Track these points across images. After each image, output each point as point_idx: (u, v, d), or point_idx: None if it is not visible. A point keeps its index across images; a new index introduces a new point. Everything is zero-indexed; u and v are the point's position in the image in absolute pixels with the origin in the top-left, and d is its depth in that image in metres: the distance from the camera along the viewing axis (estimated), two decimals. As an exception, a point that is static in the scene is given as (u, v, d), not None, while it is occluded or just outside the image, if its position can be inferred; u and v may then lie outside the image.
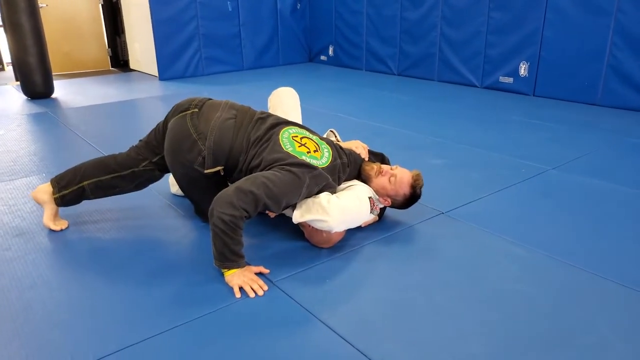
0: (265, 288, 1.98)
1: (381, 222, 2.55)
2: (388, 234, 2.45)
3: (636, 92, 4.79)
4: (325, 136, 2.79)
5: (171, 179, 2.92)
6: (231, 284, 1.99)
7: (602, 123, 4.42)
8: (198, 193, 2.41)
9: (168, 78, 7.01)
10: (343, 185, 2.40)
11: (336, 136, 2.78)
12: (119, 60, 8.35)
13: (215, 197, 1.98)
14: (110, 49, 8.24)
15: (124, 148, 2.96)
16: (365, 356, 1.62)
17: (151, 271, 2.14)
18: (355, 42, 7.53)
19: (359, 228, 2.45)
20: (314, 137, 2.37)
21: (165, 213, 2.72)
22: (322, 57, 8.24)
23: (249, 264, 2.10)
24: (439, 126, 4.38)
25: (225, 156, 2.24)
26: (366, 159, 2.53)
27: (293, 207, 2.22)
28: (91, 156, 3.59)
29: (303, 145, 2.26)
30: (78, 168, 2.51)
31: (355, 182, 2.42)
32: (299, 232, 2.40)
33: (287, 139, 2.26)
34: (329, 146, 2.36)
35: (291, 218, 2.28)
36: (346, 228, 2.27)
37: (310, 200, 2.17)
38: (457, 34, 6.17)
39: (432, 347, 1.67)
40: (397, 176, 2.39)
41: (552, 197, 2.86)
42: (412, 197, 2.44)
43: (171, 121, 2.34)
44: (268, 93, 3.03)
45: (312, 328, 1.77)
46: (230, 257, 1.99)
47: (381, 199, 2.43)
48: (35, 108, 5.28)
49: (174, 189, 2.90)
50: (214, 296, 1.95)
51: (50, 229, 2.50)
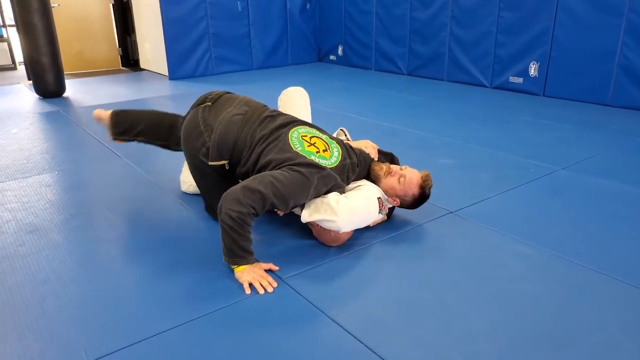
0: (274, 285, 2.00)
1: (390, 221, 2.56)
2: (397, 233, 2.46)
3: (647, 93, 4.77)
4: (335, 135, 2.80)
5: (182, 177, 2.95)
6: (241, 281, 2.01)
7: (613, 123, 4.40)
8: (207, 187, 2.47)
9: (178, 77, 7.05)
10: (352, 185, 2.41)
11: (346, 135, 2.79)
12: (130, 59, 8.40)
13: (223, 194, 2.01)
14: (120, 49, 8.30)
15: (135, 146, 3.00)
16: (374, 353, 1.63)
17: (162, 267, 2.16)
18: (364, 42, 7.54)
19: (368, 227, 2.46)
20: (324, 137, 2.38)
21: (176, 210, 2.74)
22: (332, 57, 8.26)
23: (259, 261, 2.12)
24: (449, 126, 4.38)
25: (229, 150, 2.31)
26: (376, 159, 2.54)
27: (302, 206, 2.23)
28: (102, 155, 3.65)
29: (312, 145, 2.28)
30: (136, 122, 2.74)
31: (364, 182, 2.43)
32: (308, 230, 2.42)
33: (297, 139, 2.28)
34: (339, 146, 2.37)
35: (300, 216, 2.30)
36: (354, 228, 2.28)
37: (318, 200, 2.18)
38: (467, 34, 6.16)
39: (440, 345, 1.68)
40: (407, 177, 2.40)
41: (561, 197, 2.85)
42: (421, 198, 2.44)
43: (189, 113, 2.51)
44: (277, 93, 3.05)
45: (321, 325, 1.79)
46: (239, 253, 2.02)
47: (390, 199, 2.44)
48: (47, 107, 5.34)
49: (185, 187, 2.93)
50: (224, 292, 1.97)
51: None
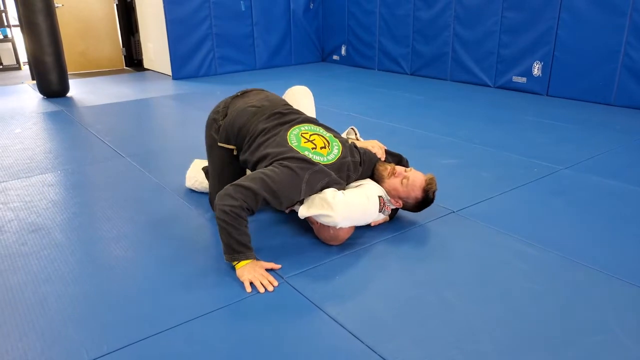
0: (275, 284, 2.00)
1: (392, 221, 2.56)
2: (399, 233, 2.46)
3: (651, 92, 4.75)
4: (345, 134, 2.80)
5: (189, 173, 2.94)
6: (242, 279, 2.01)
7: (616, 123, 4.39)
8: (215, 172, 2.54)
9: (181, 77, 7.05)
10: (354, 183, 2.41)
11: (356, 134, 2.79)
12: (133, 59, 8.42)
13: (217, 194, 2.06)
14: (124, 49, 8.32)
15: (138, 146, 3.00)
16: (374, 352, 1.63)
17: (164, 266, 2.16)
18: (367, 42, 7.53)
19: (369, 226, 2.46)
20: (327, 134, 2.38)
21: (178, 209, 2.74)
22: (335, 57, 8.25)
23: (260, 260, 2.12)
24: (452, 126, 4.37)
25: (234, 136, 2.40)
26: (383, 159, 2.54)
27: (302, 203, 2.23)
28: (105, 155, 3.66)
29: (310, 141, 2.29)
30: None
31: (367, 181, 2.43)
32: (310, 230, 2.42)
33: (295, 135, 2.30)
34: (341, 144, 2.37)
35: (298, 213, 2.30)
36: (352, 225, 2.27)
37: (316, 195, 2.19)
38: (470, 34, 6.15)
39: (442, 344, 1.67)
40: (410, 178, 2.39)
41: (564, 197, 2.84)
42: (424, 201, 2.43)
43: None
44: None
45: (322, 324, 1.79)
46: (237, 249, 2.03)
47: (392, 200, 2.44)
48: (50, 106, 5.35)
49: (190, 182, 2.92)
50: (225, 291, 1.97)
51: None
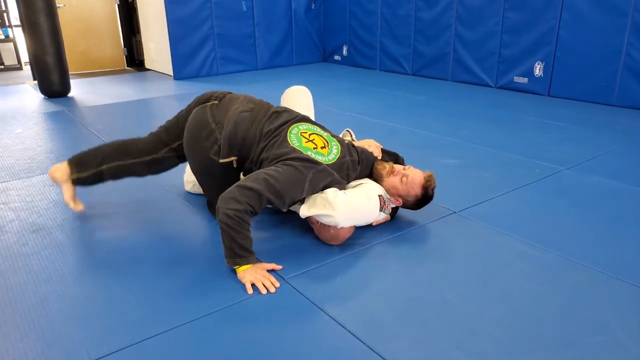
0: (277, 285, 2.00)
1: (393, 221, 2.56)
2: (400, 233, 2.45)
3: (653, 93, 4.75)
4: (341, 136, 2.80)
5: (186, 177, 2.95)
6: (243, 281, 2.00)
7: (618, 123, 4.38)
8: (211, 185, 2.45)
9: (183, 77, 7.06)
10: (353, 183, 2.41)
11: (352, 135, 2.79)
12: (135, 59, 8.42)
13: (220, 196, 2.02)
14: (125, 49, 8.32)
15: (139, 146, 2.98)
16: (375, 353, 1.63)
17: (165, 267, 2.16)
18: (369, 42, 7.53)
19: (370, 227, 2.46)
20: (325, 134, 2.38)
21: (179, 210, 2.74)
22: (336, 57, 8.25)
23: (261, 261, 2.12)
24: (453, 126, 4.37)
25: (239, 146, 2.30)
26: (379, 158, 2.54)
27: (302, 203, 2.23)
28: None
29: (310, 141, 2.28)
30: (97, 150, 2.59)
31: (366, 181, 2.43)
32: (310, 230, 2.42)
33: (295, 135, 2.29)
34: (339, 143, 2.37)
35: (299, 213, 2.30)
36: (353, 224, 2.27)
37: (317, 195, 2.18)
38: (472, 34, 6.14)
39: (443, 345, 1.67)
40: (409, 176, 2.39)
41: (566, 197, 2.84)
42: (424, 198, 2.43)
43: (192, 111, 2.42)
44: (282, 92, 3.05)
45: (323, 324, 1.78)
46: (239, 253, 2.02)
47: (392, 199, 2.44)
48: (52, 107, 5.35)
49: (189, 187, 2.93)
50: (226, 292, 1.97)
51: (71, 208, 2.60)
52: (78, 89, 6.33)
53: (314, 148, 2.25)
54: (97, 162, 2.53)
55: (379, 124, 4.46)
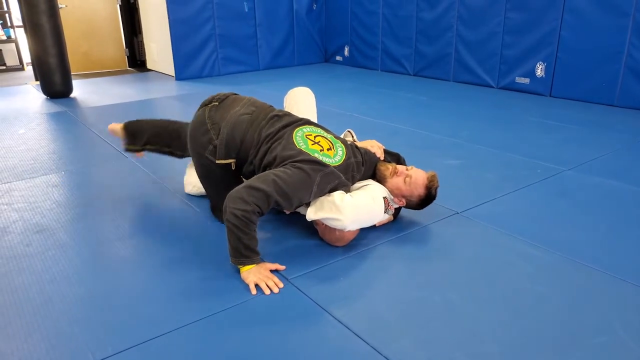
0: (280, 285, 2.00)
1: (396, 222, 2.56)
2: (403, 234, 2.46)
3: (655, 93, 4.75)
4: (342, 136, 2.80)
5: (186, 178, 2.95)
6: (247, 281, 2.01)
7: (619, 124, 4.38)
8: (214, 186, 2.48)
9: (185, 78, 7.06)
10: (358, 184, 2.41)
11: (353, 136, 2.79)
12: (136, 60, 8.43)
13: (228, 195, 2.03)
14: (127, 49, 8.33)
15: (142, 146, 2.98)
16: (379, 353, 1.63)
17: (169, 267, 2.17)
18: (370, 43, 7.53)
19: (374, 227, 2.46)
20: (329, 136, 2.39)
21: (182, 210, 2.75)
22: (338, 58, 8.25)
23: (265, 261, 2.13)
24: (455, 126, 4.37)
25: (236, 148, 2.32)
26: (382, 159, 2.54)
27: (307, 205, 2.23)
28: (108, 154, 3.66)
29: (316, 143, 2.29)
30: (144, 131, 2.87)
31: (370, 182, 2.43)
32: (314, 230, 2.42)
33: (301, 137, 2.29)
34: (343, 145, 2.38)
35: (305, 215, 2.30)
36: (359, 227, 2.28)
37: (324, 198, 2.18)
38: (473, 35, 6.14)
39: (446, 346, 1.67)
40: (412, 177, 2.40)
41: (568, 198, 2.84)
42: (427, 198, 2.43)
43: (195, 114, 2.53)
44: (284, 93, 3.06)
45: (327, 325, 1.79)
46: (244, 253, 2.02)
47: (396, 199, 2.44)
48: (54, 107, 5.36)
49: (188, 189, 2.93)
50: (231, 292, 1.97)
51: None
52: (80, 90, 6.34)
53: (321, 150, 2.26)
54: (144, 141, 2.85)
55: (381, 125, 4.46)
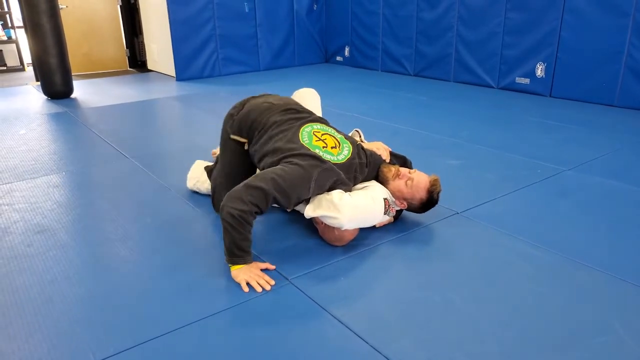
0: (272, 283, 2.02)
1: (396, 222, 2.56)
2: (403, 234, 2.46)
3: (655, 93, 4.75)
4: (349, 135, 2.82)
5: (190, 174, 2.95)
6: (237, 280, 2.02)
7: (620, 124, 4.38)
8: (223, 163, 2.57)
9: (185, 78, 7.07)
10: (359, 185, 2.42)
11: (360, 136, 2.80)
12: (137, 60, 8.43)
13: (227, 194, 2.05)
14: (128, 50, 8.33)
15: (142, 147, 3.01)
16: (379, 353, 1.64)
17: (169, 267, 2.17)
18: (371, 43, 7.54)
19: (374, 228, 2.47)
20: (338, 136, 2.41)
21: (183, 210, 2.75)
22: (338, 58, 8.26)
23: (256, 261, 2.13)
24: (455, 126, 4.37)
25: (247, 127, 2.44)
26: (387, 161, 2.55)
27: (307, 203, 2.24)
28: (109, 156, 3.67)
29: (321, 140, 2.31)
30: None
31: (372, 183, 2.44)
32: (314, 230, 2.43)
33: (308, 134, 2.33)
34: (351, 145, 2.40)
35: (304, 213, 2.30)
36: (358, 227, 2.28)
37: (322, 196, 2.19)
38: (474, 35, 6.14)
39: (446, 345, 1.68)
40: (414, 180, 2.40)
41: (568, 198, 2.85)
42: (429, 202, 2.43)
43: None
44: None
45: (327, 325, 1.79)
46: (236, 253, 2.04)
47: (397, 202, 2.44)
48: (55, 108, 5.37)
49: (191, 183, 2.93)
50: (231, 293, 1.98)
51: None
52: (81, 90, 6.35)
53: (324, 147, 2.28)
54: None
55: (381, 125, 4.46)
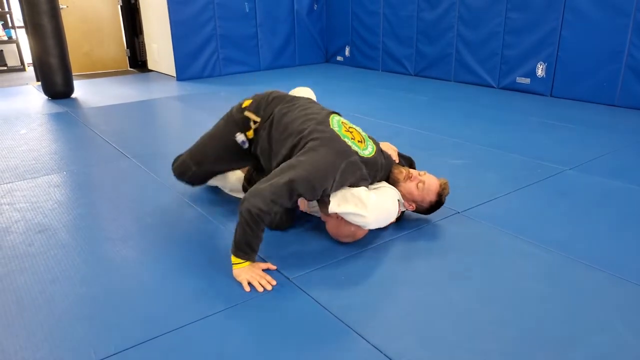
0: (273, 283, 2.02)
1: (397, 222, 2.56)
2: (404, 233, 2.46)
3: (655, 93, 4.75)
4: None
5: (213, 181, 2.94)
6: (239, 279, 2.02)
7: (620, 124, 4.38)
8: (211, 138, 2.62)
9: (186, 78, 7.07)
10: (372, 186, 2.41)
11: None
12: (137, 60, 8.43)
13: (251, 189, 2.05)
14: (128, 50, 8.33)
15: (143, 147, 3.01)
16: (380, 352, 1.64)
17: (170, 266, 2.18)
18: (371, 43, 7.54)
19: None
20: (363, 133, 2.43)
21: (184, 209, 2.75)
22: (339, 58, 8.26)
23: (257, 261, 2.13)
24: (456, 126, 4.37)
25: (266, 104, 2.47)
26: (397, 162, 2.55)
27: (321, 205, 2.23)
28: (110, 155, 3.67)
29: (349, 132, 2.32)
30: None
31: (384, 184, 2.42)
32: (317, 230, 2.43)
33: (337, 122, 2.34)
34: (374, 144, 2.40)
35: (310, 216, 2.30)
36: (378, 226, 2.28)
37: (347, 192, 2.16)
38: (474, 35, 6.14)
39: (447, 344, 1.68)
40: (426, 183, 2.39)
41: (569, 197, 2.85)
42: (437, 205, 2.44)
43: None
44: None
45: (328, 324, 1.79)
46: (244, 249, 2.04)
47: (406, 204, 2.44)
48: (55, 108, 5.37)
49: (217, 182, 2.91)
50: (231, 292, 1.98)
51: None
52: (81, 90, 6.34)
53: (352, 139, 2.28)
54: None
55: (382, 125, 4.46)
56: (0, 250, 2.34)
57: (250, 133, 2.47)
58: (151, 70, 8.10)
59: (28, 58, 7.65)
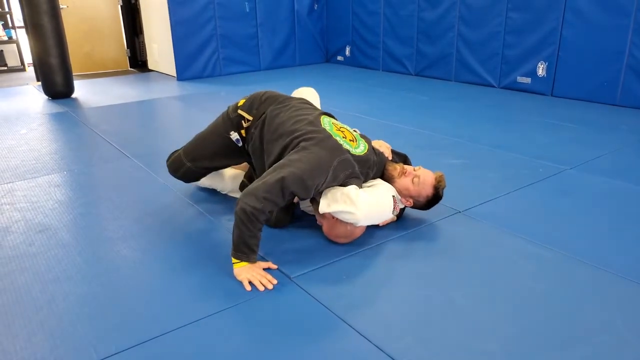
0: (274, 282, 2.01)
1: (398, 221, 2.56)
2: (405, 233, 2.46)
3: (656, 92, 4.74)
4: None
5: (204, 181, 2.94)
6: (239, 278, 2.02)
7: (621, 123, 4.38)
8: (206, 138, 2.63)
9: (186, 78, 7.07)
10: (367, 183, 2.41)
11: None
12: (138, 60, 8.43)
13: (244, 189, 2.06)
14: (129, 50, 8.33)
15: (144, 147, 3.01)
16: (382, 351, 1.63)
17: (171, 266, 2.17)
18: (372, 43, 7.53)
19: (376, 226, 2.46)
20: (354, 133, 2.43)
21: (184, 209, 2.75)
22: (339, 58, 8.26)
23: (258, 260, 2.13)
24: (456, 126, 4.37)
25: (259, 103, 2.49)
26: (390, 159, 2.55)
27: (313, 202, 2.24)
28: (110, 155, 3.66)
29: (340, 131, 2.33)
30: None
31: (378, 181, 2.43)
32: (317, 229, 2.42)
33: (328, 122, 2.35)
34: (366, 142, 2.41)
35: (310, 215, 2.30)
36: (370, 223, 2.29)
37: (337, 191, 2.17)
38: (475, 34, 6.14)
39: (449, 344, 1.67)
40: (421, 177, 2.40)
41: (570, 197, 2.84)
42: (434, 199, 2.44)
43: None
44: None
45: (330, 324, 1.79)
46: (242, 249, 2.04)
47: (403, 200, 2.44)
48: (55, 108, 5.37)
49: (207, 182, 2.92)
50: (232, 292, 1.97)
51: None
52: (82, 90, 6.34)
53: (344, 137, 2.29)
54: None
55: (383, 124, 4.46)
56: (0, 250, 2.33)
57: (243, 131, 2.48)
58: (151, 70, 8.10)
59: (28, 58, 7.65)
